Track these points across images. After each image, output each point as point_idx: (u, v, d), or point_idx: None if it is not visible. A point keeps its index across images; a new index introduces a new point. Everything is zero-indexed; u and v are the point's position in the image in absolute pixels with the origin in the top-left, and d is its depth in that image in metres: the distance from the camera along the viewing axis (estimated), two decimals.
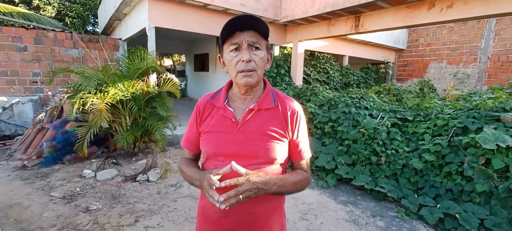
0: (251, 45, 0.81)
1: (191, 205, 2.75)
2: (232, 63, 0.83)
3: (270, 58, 0.90)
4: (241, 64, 0.81)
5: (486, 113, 2.91)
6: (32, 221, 2.35)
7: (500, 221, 2.24)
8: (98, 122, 3.23)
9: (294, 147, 0.91)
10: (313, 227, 2.48)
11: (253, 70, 0.82)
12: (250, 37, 0.81)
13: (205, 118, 0.94)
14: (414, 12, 4.39)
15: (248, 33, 0.81)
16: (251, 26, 0.80)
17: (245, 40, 0.80)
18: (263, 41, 0.84)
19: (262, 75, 0.87)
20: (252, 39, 0.81)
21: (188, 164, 0.96)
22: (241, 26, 0.80)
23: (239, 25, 0.79)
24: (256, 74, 0.83)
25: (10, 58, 5.26)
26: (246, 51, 0.81)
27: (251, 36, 0.81)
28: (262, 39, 0.84)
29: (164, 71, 4.15)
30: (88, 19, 11.85)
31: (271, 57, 0.91)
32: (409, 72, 10.77)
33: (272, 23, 6.39)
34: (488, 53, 8.58)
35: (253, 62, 0.82)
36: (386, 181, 3.08)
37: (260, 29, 0.81)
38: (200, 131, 0.94)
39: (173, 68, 18.01)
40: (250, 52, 0.81)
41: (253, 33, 0.81)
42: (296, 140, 0.91)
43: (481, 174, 2.44)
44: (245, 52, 0.81)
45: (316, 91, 4.84)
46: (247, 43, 0.80)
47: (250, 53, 0.81)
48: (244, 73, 0.82)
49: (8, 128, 5.16)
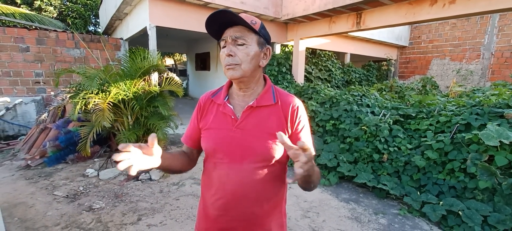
0: (235, 40, 0.82)
1: (193, 204, 2.77)
2: (221, 58, 0.85)
3: (267, 53, 0.89)
4: (227, 58, 0.83)
5: (489, 110, 2.88)
6: (36, 220, 2.38)
7: (504, 218, 2.23)
8: (100, 121, 3.24)
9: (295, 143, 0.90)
10: (315, 225, 2.48)
11: (236, 64, 0.82)
12: (235, 32, 0.82)
13: (205, 114, 0.94)
14: (416, 8, 4.35)
15: (233, 29, 0.82)
16: (236, 22, 0.81)
17: (229, 36, 0.82)
18: (250, 35, 0.83)
19: (249, 70, 0.84)
20: (236, 34, 0.81)
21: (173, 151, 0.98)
22: (229, 23, 0.82)
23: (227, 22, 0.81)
24: (240, 68, 0.82)
25: (12, 59, 5.29)
26: (228, 45, 0.82)
27: (235, 31, 0.82)
28: (250, 34, 0.83)
29: (165, 70, 4.15)
30: (90, 19, 11.89)
31: (269, 52, 0.89)
32: (412, 69, 10.70)
33: (272, 21, 6.37)
34: (492, 49, 8.50)
35: (236, 56, 0.82)
36: (388, 178, 3.07)
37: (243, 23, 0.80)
38: (200, 127, 0.95)
39: (175, 67, 18.04)
40: (233, 47, 0.82)
41: (238, 28, 0.82)
42: (297, 137, 0.88)
43: (484, 171, 2.42)
44: (227, 47, 0.83)
45: (318, 89, 4.83)
46: (231, 39, 0.82)
47: (232, 48, 0.82)
48: (228, 67, 0.83)
49: (11, 128, 5.20)
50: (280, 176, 0.91)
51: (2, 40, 5.13)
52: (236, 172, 0.85)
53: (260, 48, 0.86)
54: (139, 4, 5.32)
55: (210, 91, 0.98)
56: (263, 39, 0.86)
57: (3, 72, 5.25)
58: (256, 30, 0.82)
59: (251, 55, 0.83)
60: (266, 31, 0.88)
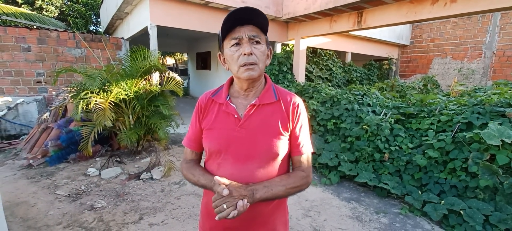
0: (252, 39, 0.81)
1: (194, 203, 2.77)
2: (233, 58, 0.83)
3: (270, 53, 0.91)
4: (242, 58, 0.81)
5: (491, 109, 2.87)
6: (39, 219, 2.39)
7: (506, 217, 2.22)
8: (101, 121, 3.25)
9: (293, 140, 0.90)
10: (316, 224, 2.48)
11: (255, 64, 0.82)
12: (250, 31, 0.81)
13: (206, 114, 0.93)
14: (418, 7, 4.34)
15: (248, 27, 0.81)
16: (250, 20, 0.81)
17: (245, 34, 0.81)
18: (262, 36, 0.84)
19: (263, 69, 0.87)
20: (252, 33, 0.81)
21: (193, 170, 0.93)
22: (241, 21, 0.80)
23: (239, 20, 0.80)
24: (258, 67, 0.83)
25: (14, 59, 5.30)
26: (247, 44, 0.81)
27: (251, 30, 0.81)
28: (262, 34, 0.84)
29: (166, 69, 4.16)
30: (91, 19, 11.91)
31: (271, 52, 0.92)
32: (413, 68, 10.67)
33: (273, 20, 6.36)
34: (493, 48, 8.46)
35: (255, 55, 0.82)
36: (389, 177, 3.06)
37: (259, 23, 0.82)
38: (202, 128, 0.94)
39: (176, 67, 18.05)
40: (251, 46, 0.81)
41: (252, 27, 0.82)
42: (296, 133, 0.89)
43: (485, 170, 2.42)
44: (246, 46, 0.81)
45: (319, 88, 4.82)
46: (248, 37, 0.81)
47: (251, 47, 0.81)
48: (246, 67, 0.82)
49: (13, 128, 5.23)
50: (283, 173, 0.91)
51: (3, 40, 5.14)
52: (240, 171, 0.85)
53: (268, 48, 0.88)
54: (140, 4, 5.32)
55: (209, 91, 0.97)
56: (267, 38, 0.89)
57: (4, 72, 5.26)
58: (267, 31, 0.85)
59: (265, 54, 0.86)
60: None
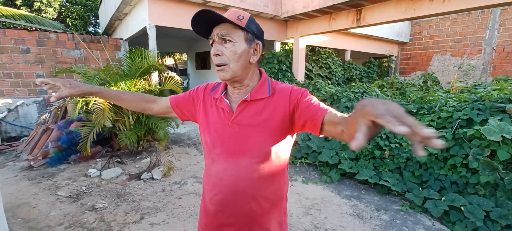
0: (221, 38, 0.79)
1: (195, 202, 2.77)
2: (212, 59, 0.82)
3: (258, 48, 0.84)
4: (214, 58, 0.80)
5: (491, 105, 2.87)
6: (40, 220, 2.39)
7: (506, 213, 2.22)
8: (101, 121, 3.26)
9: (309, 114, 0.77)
10: (317, 222, 2.48)
11: (224, 64, 0.79)
12: (220, 29, 0.79)
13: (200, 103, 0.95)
14: (416, 3, 4.33)
15: (220, 26, 0.79)
16: (219, 19, 0.78)
17: (216, 34, 0.79)
18: (237, 32, 0.79)
19: (239, 69, 0.80)
20: (221, 32, 0.78)
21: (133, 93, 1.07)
22: (216, 21, 0.79)
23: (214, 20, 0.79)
24: (229, 68, 0.79)
25: (13, 61, 5.30)
26: (216, 44, 0.80)
27: (221, 29, 0.79)
28: (237, 30, 0.79)
29: (165, 69, 4.16)
30: (89, 20, 11.90)
31: (259, 47, 0.84)
32: (412, 65, 10.66)
33: (272, 19, 6.36)
34: (493, 44, 8.45)
35: (224, 55, 0.79)
36: (390, 174, 3.07)
37: (228, 20, 0.78)
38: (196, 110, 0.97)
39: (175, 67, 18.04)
40: (220, 46, 0.79)
41: (225, 25, 0.79)
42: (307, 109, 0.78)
43: (486, 166, 2.41)
44: (214, 46, 0.80)
45: (319, 86, 4.82)
46: (218, 37, 0.79)
47: (219, 47, 0.79)
48: (217, 69, 0.81)
49: (13, 129, 5.23)
50: (279, 174, 0.89)
51: (2, 42, 5.14)
52: (233, 166, 0.85)
53: (249, 45, 0.81)
54: (139, 4, 5.32)
55: (210, 84, 0.98)
56: (251, 34, 0.81)
57: (4, 73, 5.26)
58: (242, 26, 0.78)
59: (238, 53, 0.79)
60: (256, 26, 0.83)
